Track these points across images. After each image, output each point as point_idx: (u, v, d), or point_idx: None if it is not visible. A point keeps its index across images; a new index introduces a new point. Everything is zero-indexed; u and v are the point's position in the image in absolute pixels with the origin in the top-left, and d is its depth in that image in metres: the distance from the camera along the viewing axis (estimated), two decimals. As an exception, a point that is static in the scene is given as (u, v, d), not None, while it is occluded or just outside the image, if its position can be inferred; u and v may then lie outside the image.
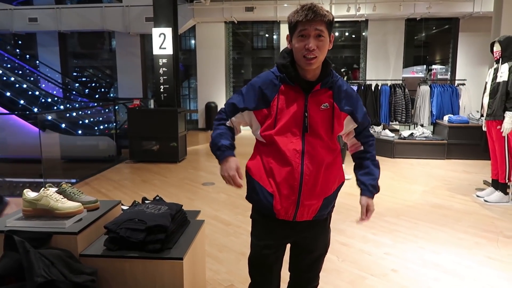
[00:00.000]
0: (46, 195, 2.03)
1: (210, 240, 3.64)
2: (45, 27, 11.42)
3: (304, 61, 1.59)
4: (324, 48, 1.60)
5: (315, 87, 1.64)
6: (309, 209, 1.70)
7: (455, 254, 3.36)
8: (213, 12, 10.53)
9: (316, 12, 1.55)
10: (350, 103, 1.72)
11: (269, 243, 1.80)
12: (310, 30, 1.56)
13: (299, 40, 1.59)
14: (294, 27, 1.60)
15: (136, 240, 1.92)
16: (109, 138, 8.13)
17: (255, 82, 1.71)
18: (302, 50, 1.58)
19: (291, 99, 1.65)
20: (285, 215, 1.70)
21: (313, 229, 1.80)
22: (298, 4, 6.40)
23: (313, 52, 1.57)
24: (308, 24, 1.56)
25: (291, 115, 1.64)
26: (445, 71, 11.61)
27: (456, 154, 7.19)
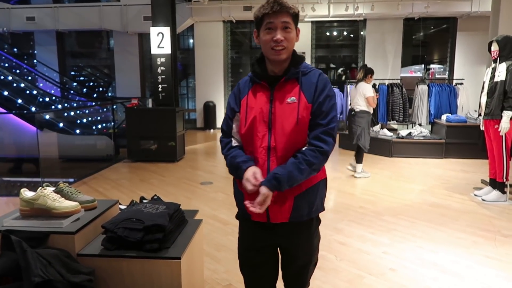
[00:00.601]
0: (43, 194, 2.02)
1: (208, 239, 3.63)
2: (43, 26, 11.39)
3: (273, 53, 1.60)
4: (291, 39, 1.61)
5: (280, 80, 1.63)
6: (280, 209, 1.61)
7: (453, 253, 3.36)
8: (211, 11, 10.51)
9: (281, 5, 1.57)
10: (314, 93, 1.61)
11: (250, 246, 1.78)
12: (276, 22, 1.58)
13: (267, 33, 1.60)
14: (260, 21, 1.61)
15: (134, 239, 1.91)
16: (107, 138, 8.11)
17: (234, 88, 1.77)
18: (270, 43, 1.59)
19: (258, 97, 1.66)
20: (257, 216, 1.63)
21: (293, 233, 1.70)
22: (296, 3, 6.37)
23: (281, 43, 1.58)
24: (274, 17, 1.57)
25: (258, 112, 1.63)
26: (443, 71, 11.63)
27: (454, 153, 7.21)
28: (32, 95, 9.89)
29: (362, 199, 4.92)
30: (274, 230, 1.69)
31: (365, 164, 7.02)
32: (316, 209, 1.71)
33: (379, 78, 9.53)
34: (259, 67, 1.68)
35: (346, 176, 6.15)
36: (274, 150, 1.60)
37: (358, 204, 4.72)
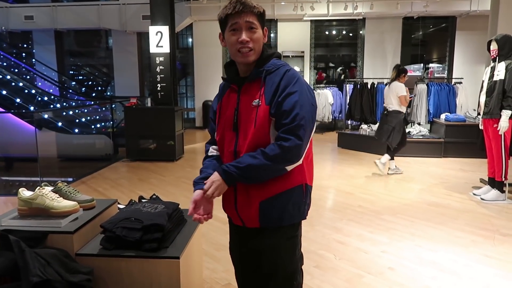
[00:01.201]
0: (41, 194, 2.02)
1: (207, 238, 3.63)
2: (41, 25, 11.37)
3: (240, 56, 1.52)
4: (258, 40, 1.52)
5: (244, 83, 1.56)
6: (248, 213, 1.57)
7: (452, 252, 3.37)
8: (210, 10, 10.49)
9: (244, 4, 1.49)
10: (273, 92, 1.50)
11: (232, 247, 1.80)
12: (241, 23, 1.49)
13: (231, 35, 1.52)
14: (224, 22, 1.54)
15: (133, 239, 1.91)
16: (106, 137, 8.11)
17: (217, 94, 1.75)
18: (236, 44, 1.51)
19: (229, 100, 1.62)
20: (235, 220, 1.67)
21: (262, 238, 1.60)
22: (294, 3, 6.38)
23: (247, 45, 1.49)
24: (238, 17, 1.49)
25: (226, 116, 1.60)
26: (442, 70, 11.61)
27: (453, 152, 7.22)
28: (31, 94, 9.88)
29: (361, 198, 4.92)
30: (249, 233, 1.64)
31: (364, 163, 7.03)
32: (290, 217, 1.58)
33: (378, 77, 9.54)
34: (229, 69, 1.63)
35: (345, 175, 6.15)
36: (239, 154, 1.54)
37: (357, 203, 4.72)
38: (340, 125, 10.62)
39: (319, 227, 3.94)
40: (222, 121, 1.62)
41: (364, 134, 8.03)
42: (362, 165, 6.81)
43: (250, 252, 1.67)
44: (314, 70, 11.64)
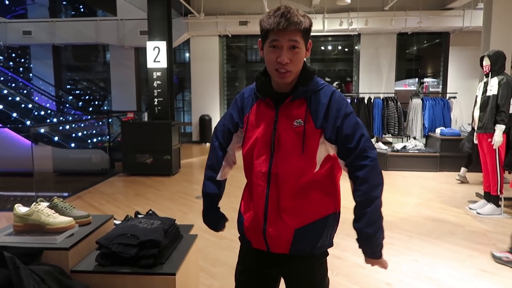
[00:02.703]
0: (37, 210, 2.01)
1: (204, 254, 3.61)
2: (39, 40, 11.44)
3: (277, 75, 1.41)
4: (299, 60, 1.40)
5: (286, 100, 1.44)
6: (278, 240, 1.48)
7: (448, 267, 3.36)
8: (207, 25, 10.62)
9: (290, 20, 1.33)
10: (324, 115, 1.42)
11: (244, 269, 1.66)
12: (283, 41, 1.36)
13: (271, 52, 1.39)
14: (265, 34, 1.41)
15: (128, 255, 1.90)
16: (102, 151, 8.10)
17: (237, 98, 1.62)
18: (273, 63, 1.39)
19: (261, 115, 1.49)
20: (257, 244, 1.55)
21: (292, 265, 1.54)
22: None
23: (286, 66, 1.38)
24: (281, 34, 1.35)
25: (259, 132, 1.48)
26: (436, 84, 11.77)
27: (449, 166, 7.24)
28: (28, 108, 9.89)
29: (358, 213, 4.91)
30: (273, 258, 1.56)
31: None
32: (322, 245, 1.54)
33: (374, 92, 9.64)
34: (263, 81, 1.49)
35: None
36: (275, 176, 1.45)
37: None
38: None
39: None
40: (253, 136, 1.50)
41: (360, 148, 8.06)
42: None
43: (286, 279, 1.60)
44: (310, 84, 11.73)
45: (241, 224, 1.63)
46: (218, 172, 1.67)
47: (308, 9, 10.49)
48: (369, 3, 10.34)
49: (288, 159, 1.44)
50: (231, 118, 1.61)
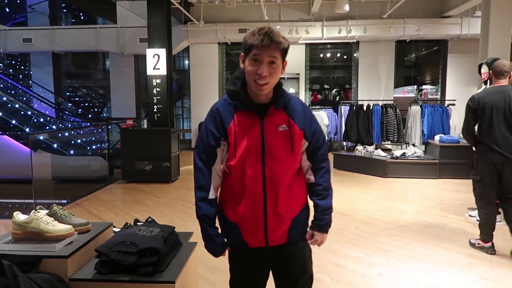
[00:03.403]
0: (36, 217, 2.00)
1: (203, 262, 3.59)
2: (39, 47, 11.49)
3: (255, 86, 1.59)
4: (276, 74, 1.59)
5: (269, 109, 1.64)
6: (278, 233, 1.69)
7: (449, 275, 3.35)
8: (207, 33, 10.67)
9: (272, 39, 1.53)
10: (303, 120, 1.70)
11: (247, 273, 1.79)
12: (263, 56, 1.55)
13: (252, 64, 1.57)
14: (248, 49, 1.58)
15: (128, 263, 1.89)
16: (102, 158, 8.09)
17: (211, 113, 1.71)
18: (254, 75, 1.57)
19: (247, 125, 1.63)
20: (256, 243, 1.70)
21: (288, 252, 1.76)
22: (289, 26, 6.55)
23: (265, 78, 1.56)
24: (263, 50, 1.54)
25: (249, 141, 1.62)
26: (435, 91, 11.81)
27: (448, 173, 7.24)
28: (27, 115, 9.89)
29: (357, 220, 4.91)
30: (269, 253, 1.74)
31: (360, 184, 7.03)
32: (306, 230, 1.82)
33: (373, 99, 9.67)
34: (246, 95, 1.65)
35: (341, 196, 6.14)
36: (270, 178, 1.63)
37: (353, 225, 4.71)
38: (335, 146, 10.67)
39: (316, 249, 3.86)
40: (242, 146, 1.62)
41: (359, 155, 8.07)
42: (358, 186, 6.81)
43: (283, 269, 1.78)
44: (309, 91, 11.78)
45: (234, 230, 1.71)
46: (209, 191, 1.70)
47: (307, 16, 10.57)
48: (368, 11, 10.41)
49: (281, 160, 1.64)
50: (211, 134, 1.67)
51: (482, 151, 3.81)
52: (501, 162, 3.66)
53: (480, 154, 3.86)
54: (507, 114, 3.64)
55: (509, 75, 3.81)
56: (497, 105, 3.67)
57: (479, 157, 3.86)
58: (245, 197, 1.65)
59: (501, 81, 3.81)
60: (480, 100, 3.76)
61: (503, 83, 3.80)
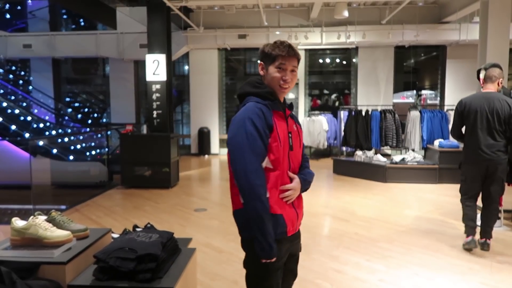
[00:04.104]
0: (35, 223, 2.00)
1: (202, 268, 3.58)
2: (39, 53, 11.51)
3: (279, 89, 1.86)
4: (295, 79, 1.90)
5: (287, 111, 1.91)
6: (301, 217, 1.94)
7: (449, 280, 3.33)
8: (206, 39, 10.71)
9: (294, 51, 1.84)
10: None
11: (280, 263, 1.85)
12: (288, 65, 1.83)
13: (278, 71, 1.83)
14: (273, 58, 1.83)
15: (126, 269, 1.88)
16: (101, 164, 8.08)
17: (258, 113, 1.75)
18: (279, 80, 1.83)
19: (281, 122, 1.85)
20: (293, 230, 1.87)
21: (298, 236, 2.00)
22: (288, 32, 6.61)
23: (288, 83, 1.84)
24: (288, 60, 1.82)
25: (283, 137, 1.82)
26: (434, 96, 11.83)
27: (448, 178, 7.23)
28: (26, 121, 9.89)
29: (357, 225, 4.89)
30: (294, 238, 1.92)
31: (360, 189, 7.02)
32: None
33: (372, 104, 9.68)
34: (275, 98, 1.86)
35: (341, 202, 6.13)
36: (293, 171, 1.88)
37: (353, 231, 4.69)
38: (335, 152, 10.67)
39: (316, 255, 3.89)
40: (282, 141, 1.81)
41: (359, 161, 8.07)
42: (358, 192, 6.80)
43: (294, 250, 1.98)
44: (308, 97, 11.80)
45: (279, 220, 1.79)
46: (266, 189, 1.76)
47: (306, 22, 10.62)
48: (367, 16, 10.46)
49: (297, 156, 1.91)
50: (263, 132, 1.76)
51: (466, 153, 4.00)
52: (483, 164, 3.81)
53: (464, 156, 4.04)
54: (490, 120, 3.78)
55: (498, 81, 3.87)
56: (481, 110, 3.81)
57: (463, 158, 4.04)
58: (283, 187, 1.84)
59: (489, 87, 3.91)
60: (467, 104, 3.93)
61: (491, 88, 3.90)
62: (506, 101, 3.75)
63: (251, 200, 1.68)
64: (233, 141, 1.75)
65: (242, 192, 1.71)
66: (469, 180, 3.95)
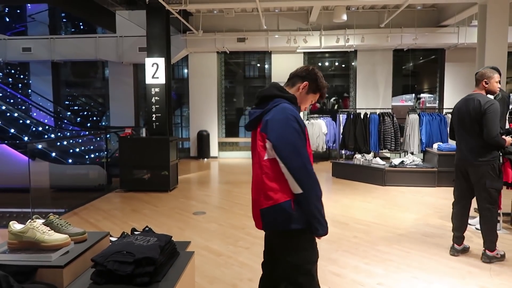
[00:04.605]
0: (32, 227, 1.99)
1: (201, 271, 3.57)
2: (38, 56, 11.53)
3: (303, 108, 2.25)
4: None
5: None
6: None
7: (448, 284, 3.33)
8: (205, 42, 10.73)
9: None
10: None
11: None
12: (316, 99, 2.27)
13: (313, 97, 2.23)
14: (319, 91, 2.22)
15: (124, 273, 1.87)
16: (100, 167, 8.07)
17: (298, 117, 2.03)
18: (306, 104, 2.24)
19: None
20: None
21: None
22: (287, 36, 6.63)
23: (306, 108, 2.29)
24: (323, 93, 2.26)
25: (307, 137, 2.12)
26: (433, 100, 11.85)
27: (447, 181, 7.22)
28: (26, 124, 9.89)
29: (356, 229, 4.89)
30: None
31: (358, 192, 7.02)
32: None
33: (371, 107, 9.70)
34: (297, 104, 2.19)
35: (339, 205, 6.13)
36: None
37: (352, 234, 4.69)
38: (334, 155, 10.67)
39: (314, 259, 3.88)
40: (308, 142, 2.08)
41: (358, 164, 8.07)
42: (357, 195, 6.80)
43: None
44: (307, 100, 11.80)
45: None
46: None
47: (305, 26, 10.65)
48: (365, 20, 10.49)
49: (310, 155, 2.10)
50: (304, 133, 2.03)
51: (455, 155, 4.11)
52: (461, 165, 3.93)
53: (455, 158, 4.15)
54: (467, 121, 3.81)
55: (481, 83, 3.87)
56: (460, 112, 3.89)
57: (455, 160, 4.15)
58: None
59: (475, 89, 3.94)
60: (454, 107, 4.04)
61: (476, 90, 3.92)
62: (479, 100, 3.71)
63: (313, 186, 1.94)
64: (284, 140, 1.93)
65: (303, 182, 1.92)
66: (456, 182, 4.09)
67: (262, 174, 2.00)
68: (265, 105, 2.06)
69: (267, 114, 2.02)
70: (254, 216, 2.10)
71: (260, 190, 2.01)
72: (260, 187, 2.01)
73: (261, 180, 2.00)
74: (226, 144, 12.02)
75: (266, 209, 1.97)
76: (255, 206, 2.08)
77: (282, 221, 1.95)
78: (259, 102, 2.12)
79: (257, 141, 2.05)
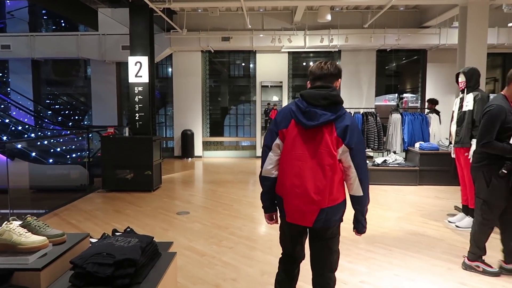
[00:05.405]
0: (8, 229, 1.94)
1: (183, 272, 3.54)
2: (18, 54, 11.27)
3: None
4: None
5: None
6: None
7: (429, 281, 3.38)
8: (190, 41, 10.66)
9: None
10: None
11: None
12: None
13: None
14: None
15: (104, 275, 1.84)
16: (81, 167, 7.94)
17: None
18: None
19: None
20: None
21: None
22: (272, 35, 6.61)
23: None
24: None
25: None
26: (415, 99, 12.03)
27: (428, 180, 7.36)
28: (4, 123, 9.66)
29: (340, 227, 4.92)
30: None
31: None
32: None
33: (354, 107, 9.79)
34: None
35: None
36: None
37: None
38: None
39: (298, 258, 3.88)
40: None
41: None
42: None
43: None
44: (292, 99, 11.85)
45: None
46: None
47: (290, 25, 10.68)
48: (349, 20, 10.59)
49: None
50: None
51: None
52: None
53: None
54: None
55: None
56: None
57: None
58: None
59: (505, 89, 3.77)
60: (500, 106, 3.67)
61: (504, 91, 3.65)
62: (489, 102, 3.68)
63: (368, 190, 2.24)
64: (360, 147, 2.15)
65: (365, 186, 2.20)
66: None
67: (333, 175, 2.12)
68: (333, 109, 2.13)
69: (341, 120, 2.12)
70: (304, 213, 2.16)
71: (324, 191, 2.11)
72: (323, 187, 2.11)
73: (328, 180, 2.11)
74: (211, 144, 11.97)
75: (329, 208, 2.14)
76: (310, 203, 2.13)
77: (339, 218, 2.24)
78: (327, 105, 2.14)
79: (326, 142, 2.11)
